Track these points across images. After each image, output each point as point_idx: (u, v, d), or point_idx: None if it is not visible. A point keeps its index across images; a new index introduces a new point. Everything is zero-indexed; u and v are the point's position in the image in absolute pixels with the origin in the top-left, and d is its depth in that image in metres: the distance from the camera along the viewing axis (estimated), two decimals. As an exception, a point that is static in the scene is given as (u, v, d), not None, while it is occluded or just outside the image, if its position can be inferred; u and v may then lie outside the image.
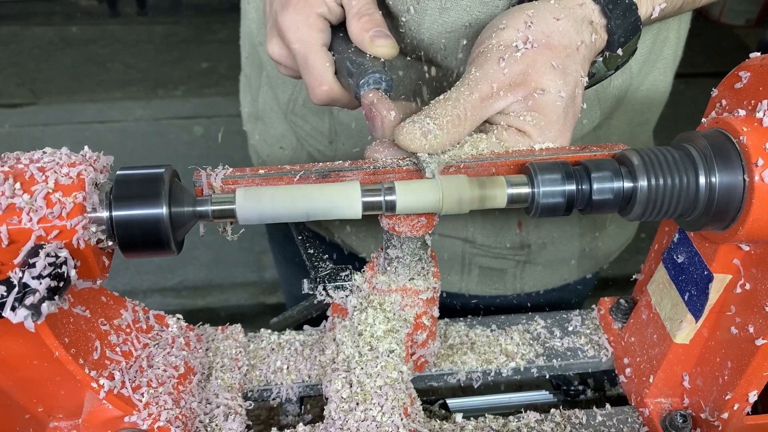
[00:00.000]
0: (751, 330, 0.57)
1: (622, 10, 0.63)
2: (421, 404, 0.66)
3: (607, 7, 0.63)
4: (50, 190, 0.49)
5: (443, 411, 0.77)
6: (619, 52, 0.65)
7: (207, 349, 0.72)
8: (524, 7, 0.63)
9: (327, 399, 0.62)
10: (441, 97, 0.59)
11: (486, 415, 0.70)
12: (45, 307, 0.44)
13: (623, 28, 0.64)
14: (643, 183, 0.54)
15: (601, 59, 0.66)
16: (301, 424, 0.65)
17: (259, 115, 1.02)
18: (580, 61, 0.63)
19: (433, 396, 0.79)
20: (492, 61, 0.60)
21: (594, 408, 0.71)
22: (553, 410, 0.71)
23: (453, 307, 1.05)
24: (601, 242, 0.98)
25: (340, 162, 0.59)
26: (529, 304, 1.00)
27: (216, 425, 0.65)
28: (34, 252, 0.46)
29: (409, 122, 0.57)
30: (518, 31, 0.61)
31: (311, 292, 0.67)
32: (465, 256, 0.95)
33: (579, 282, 1.02)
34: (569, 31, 0.61)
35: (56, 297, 0.45)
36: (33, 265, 0.45)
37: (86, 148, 0.54)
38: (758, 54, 0.56)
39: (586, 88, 0.65)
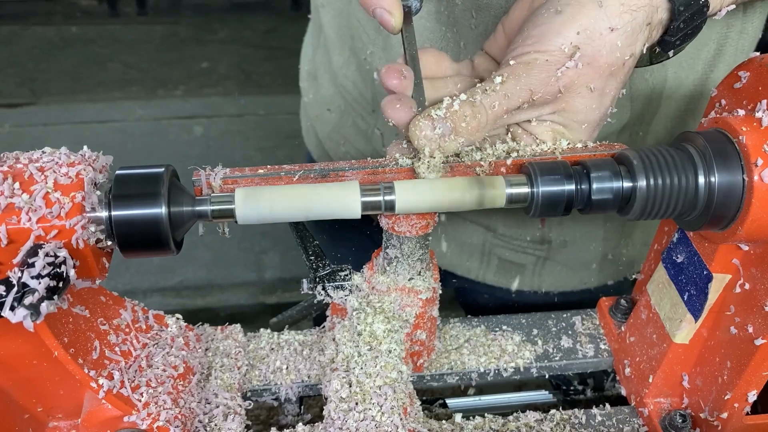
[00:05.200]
0: (751, 330, 0.57)
1: (692, 12, 0.57)
2: (421, 404, 0.66)
3: (678, 8, 0.57)
4: (49, 190, 0.49)
5: (443, 411, 0.77)
6: (670, 54, 0.61)
7: (206, 349, 0.72)
8: (578, 11, 0.56)
9: (326, 399, 0.62)
10: (467, 96, 0.56)
11: (486, 415, 0.70)
12: (44, 306, 0.44)
13: (684, 32, 0.58)
14: (642, 183, 0.54)
15: (648, 52, 0.61)
16: (300, 424, 0.65)
17: (316, 74, 1.02)
18: (623, 77, 0.59)
19: (433, 396, 0.79)
20: (532, 76, 0.56)
21: (594, 408, 0.71)
22: (552, 410, 0.71)
23: (469, 298, 1.04)
24: (625, 249, 0.96)
25: (339, 162, 0.59)
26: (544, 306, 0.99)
27: (215, 425, 0.65)
28: (33, 252, 0.46)
29: (426, 118, 0.55)
30: (568, 42, 0.55)
31: (311, 292, 0.67)
32: (485, 245, 0.95)
33: (600, 289, 1.00)
34: (621, 46, 0.56)
35: (55, 297, 0.45)
36: (32, 265, 0.45)
37: (85, 147, 0.54)
38: (758, 54, 0.56)
39: None
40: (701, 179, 0.53)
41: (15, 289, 0.44)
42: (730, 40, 0.79)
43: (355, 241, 1.02)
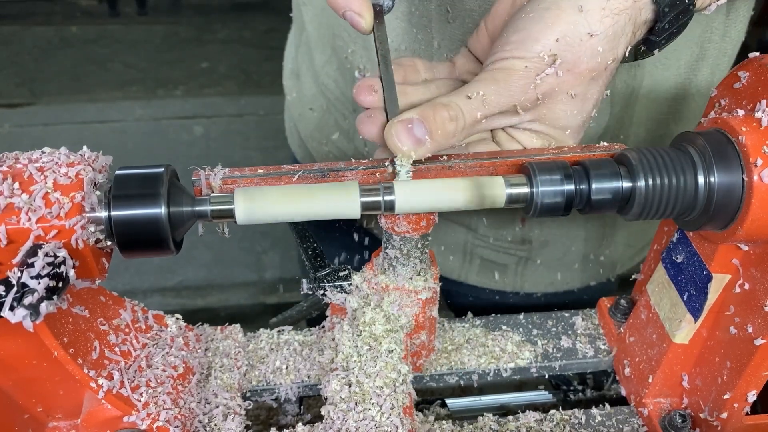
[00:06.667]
0: (750, 330, 0.57)
1: (678, 12, 0.56)
2: (421, 404, 0.66)
3: (663, 10, 0.56)
4: (49, 190, 0.49)
5: (443, 411, 0.77)
6: (656, 52, 0.60)
7: (206, 349, 0.72)
8: (563, 9, 0.55)
9: (326, 399, 0.62)
10: (443, 99, 0.56)
11: (486, 415, 0.70)
12: (44, 306, 0.44)
13: (670, 31, 0.58)
14: (642, 183, 0.54)
15: (632, 50, 0.60)
16: (300, 424, 0.65)
17: (299, 73, 1.02)
18: (605, 80, 0.59)
19: (432, 396, 0.79)
20: (511, 83, 0.55)
21: (593, 408, 0.71)
22: (552, 410, 0.71)
23: (454, 299, 1.04)
24: (607, 250, 0.96)
25: (339, 162, 0.59)
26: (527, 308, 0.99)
27: (215, 425, 0.65)
28: (33, 252, 0.46)
29: (401, 122, 0.55)
30: (547, 49, 0.55)
31: (311, 292, 0.67)
32: (467, 245, 0.95)
33: (583, 291, 1.00)
34: (602, 51, 0.55)
35: (55, 297, 0.45)
36: (32, 265, 0.45)
37: (85, 147, 0.54)
38: (758, 54, 0.56)
39: None
40: (701, 179, 0.53)
41: (14, 289, 0.44)
42: (713, 43, 0.78)
43: (343, 243, 1.03)
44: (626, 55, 0.59)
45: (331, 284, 0.66)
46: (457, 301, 1.04)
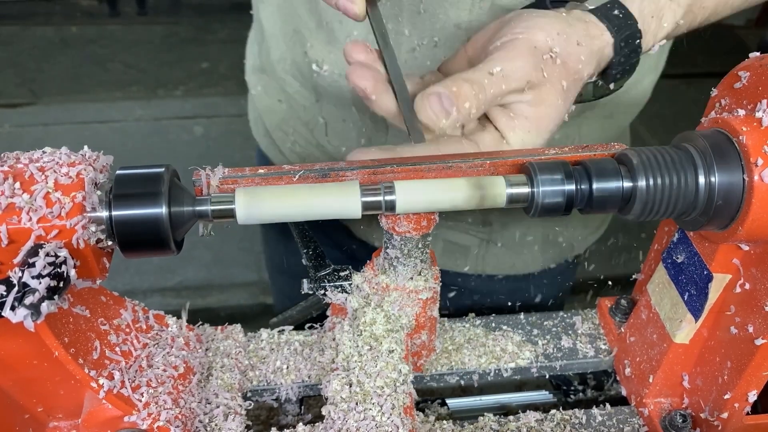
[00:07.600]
0: (751, 330, 0.57)
1: (630, 50, 0.64)
2: (422, 404, 0.66)
3: (619, 44, 0.64)
4: (50, 190, 0.49)
5: (443, 410, 0.77)
6: (611, 86, 0.67)
7: (207, 349, 0.72)
8: (558, 17, 0.63)
9: (327, 399, 0.62)
10: (463, 76, 0.58)
11: (486, 415, 0.70)
12: (45, 306, 0.44)
13: (623, 66, 0.65)
14: (642, 183, 0.54)
15: (591, 85, 0.67)
16: (300, 424, 0.65)
17: (264, 68, 1.04)
18: (578, 89, 0.65)
19: (433, 396, 0.79)
20: (524, 57, 0.60)
21: (594, 408, 0.71)
22: (553, 410, 0.71)
23: None
24: (565, 231, 1.00)
25: (340, 162, 0.59)
26: (490, 292, 1.01)
27: (216, 425, 0.65)
28: (34, 251, 0.46)
29: (433, 95, 0.56)
30: (550, 37, 0.61)
31: (311, 292, 0.67)
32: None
33: (543, 274, 1.03)
34: (583, 60, 0.62)
35: (56, 296, 0.45)
36: (33, 265, 0.45)
37: (86, 147, 0.54)
38: (758, 54, 0.57)
39: None
40: (701, 179, 0.53)
41: (15, 288, 0.44)
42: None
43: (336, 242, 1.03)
44: (597, 83, 0.67)
45: (331, 284, 0.66)
46: None
